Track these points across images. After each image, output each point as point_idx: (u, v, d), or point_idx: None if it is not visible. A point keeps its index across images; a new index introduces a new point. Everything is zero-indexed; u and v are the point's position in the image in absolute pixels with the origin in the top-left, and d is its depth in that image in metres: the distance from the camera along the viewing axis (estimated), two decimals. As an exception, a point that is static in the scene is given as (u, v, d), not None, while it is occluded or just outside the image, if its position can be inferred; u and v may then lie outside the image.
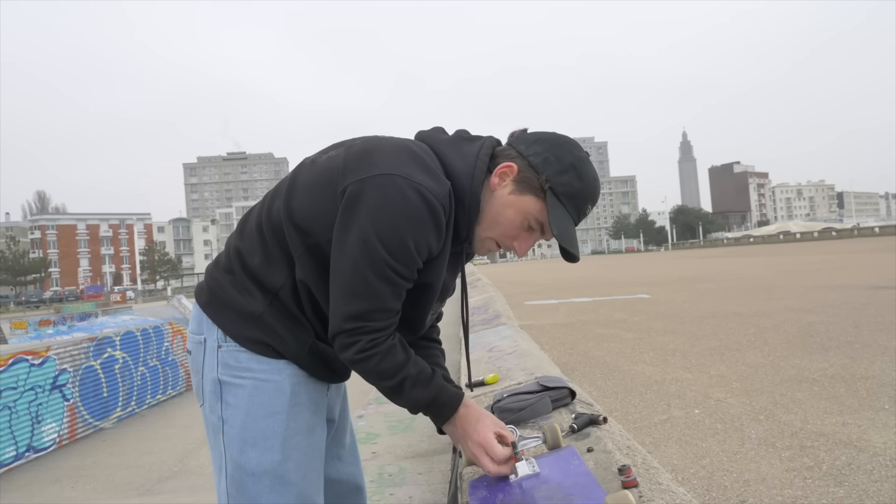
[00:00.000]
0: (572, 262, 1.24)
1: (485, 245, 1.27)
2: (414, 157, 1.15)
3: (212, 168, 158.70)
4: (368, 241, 1.10)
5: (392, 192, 1.10)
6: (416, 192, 1.10)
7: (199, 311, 1.28)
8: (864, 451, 3.54)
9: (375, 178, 1.11)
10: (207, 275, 1.32)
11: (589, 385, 5.64)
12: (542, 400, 1.88)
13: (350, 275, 1.13)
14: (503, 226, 1.22)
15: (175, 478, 4.78)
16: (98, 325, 18.72)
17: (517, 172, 1.20)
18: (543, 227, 1.22)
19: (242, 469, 1.19)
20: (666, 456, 3.74)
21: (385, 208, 1.10)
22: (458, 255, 1.32)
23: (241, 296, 1.23)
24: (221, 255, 1.32)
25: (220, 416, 1.22)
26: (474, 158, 1.20)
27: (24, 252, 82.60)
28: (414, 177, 1.11)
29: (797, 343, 7.02)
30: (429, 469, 3.85)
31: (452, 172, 1.18)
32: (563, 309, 13.04)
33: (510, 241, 1.25)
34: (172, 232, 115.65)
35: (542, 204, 1.19)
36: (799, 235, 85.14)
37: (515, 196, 1.20)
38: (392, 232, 1.10)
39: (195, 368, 1.28)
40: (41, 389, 5.86)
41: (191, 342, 1.29)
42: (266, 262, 1.22)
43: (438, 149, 1.21)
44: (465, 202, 1.19)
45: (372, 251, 1.10)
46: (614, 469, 1.28)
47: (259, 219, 1.25)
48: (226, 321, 1.23)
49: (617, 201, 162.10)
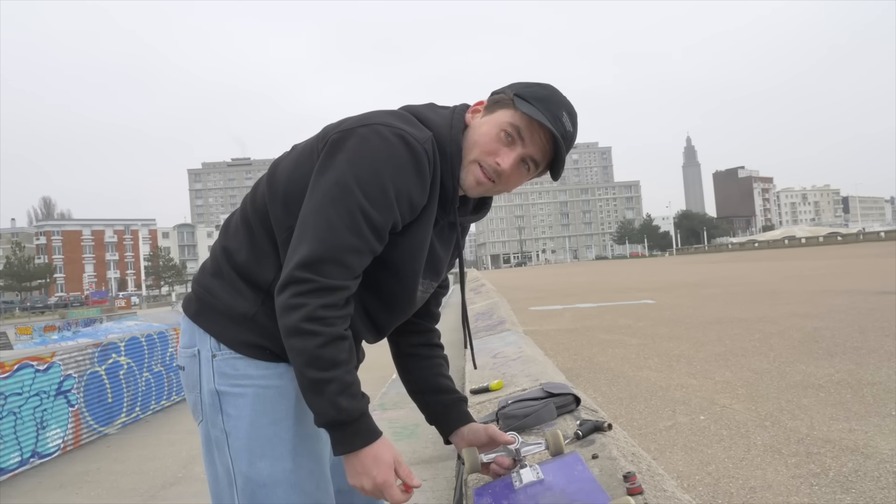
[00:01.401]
0: (546, 132, 1.16)
1: (470, 173, 1.20)
2: (393, 114, 1.18)
3: (216, 174, 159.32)
4: (344, 183, 1.06)
5: (374, 137, 1.09)
6: (399, 137, 1.09)
7: (189, 322, 1.23)
8: (870, 457, 3.52)
9: (357, 128, 1.11)
10: (194, 283, 1.28)
11: (593, 391, 5.62)
12: (547, 406, 1.88)
13: (315, 219, 1.07)
14: (480, 144, 1.19)
15: (179, 484, 4.78)
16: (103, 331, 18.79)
17: (487, 101, 1.24)
18: (521, 133, 1.17)
19: (254, 482, 1.15)
20: (671, 462, 3.72)
21: (366, 152, 1.08)
22: (451, 227, 1.28)
23: (232, 298, 1.19)
24: (207, 261, 1.29)
25: (223, 429, 1.17)
26: (451, 112, 1.23)
27: (29, 258, 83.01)
28: (396, 125, 1.11)
29: (803, 349, 6.98)
30: (433, 476, 3.84)
31: (430, 124, 1.18)
32: (568, 314, 13.01)
33: (492, 159, 1.18)
34: (177, 237, 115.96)
35: (514, 110, 1.17)
36: (804, 240, 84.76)
37: (488, 116, 1.21)
38: (371, 175, 1.07)
39: (190, 384, 1.22)
40: (46, 395, 5.87)
41: (182, 357, 1.24)
42: (255, 257, 1.19)
43: (415, 110, 1.23)
44: (447, 151, 1.18)
45: (346, 193, 1.06)
46: (619, 476, 1.27)
47: (244, 212, 1.23)
48: (217, 328, 1.19)
49: (621, 206, 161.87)
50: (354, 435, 1.09)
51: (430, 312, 1.46)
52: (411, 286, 1.22)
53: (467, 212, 1.32)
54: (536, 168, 1.23)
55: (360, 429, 1.09)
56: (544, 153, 1.20)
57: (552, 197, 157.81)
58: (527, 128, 1.17)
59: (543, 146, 1.19)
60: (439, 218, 1.22)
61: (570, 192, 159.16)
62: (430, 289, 1.34)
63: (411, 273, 1.20)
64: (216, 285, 1.22)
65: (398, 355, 1.48)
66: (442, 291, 1.43)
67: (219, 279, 1.22)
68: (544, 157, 1.20)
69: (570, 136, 1.20)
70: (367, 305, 1.22)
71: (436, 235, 1.24)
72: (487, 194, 1.28)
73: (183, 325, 1.26)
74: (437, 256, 1.27)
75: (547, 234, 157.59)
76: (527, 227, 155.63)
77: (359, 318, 1.22)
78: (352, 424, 1.08)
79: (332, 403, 1.06)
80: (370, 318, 1.25)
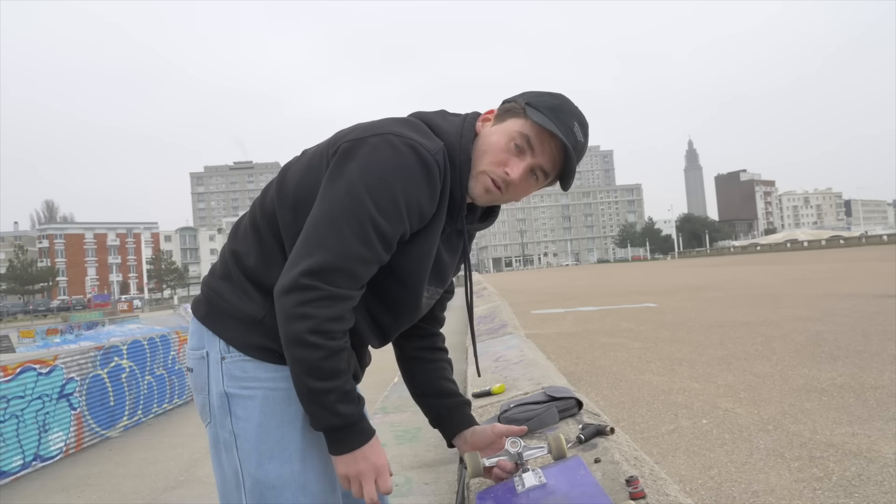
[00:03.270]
0: (557, 142, 1.15)
1: (479, 183, 1.19)
2: (404, 122, 1.17)
3: (218, 177, 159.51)
4: (355, 192, 1.06)
5: (385, 147, 1.08)
6: (410, 148, 1.09)
7: (198, 324, 1.24)
8: (874, 461, 3.51)
9: (368, 138, 1.10)
10: (204, 286, 1.28)
11: (596, 395, 5.61)
12: (549, 410, 1.88)
13: (324, 227, 1.06)
14: (490, 153, 1.18)
15: (181, 487, 4.77)
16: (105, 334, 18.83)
17: (498, 109, 1.23)
18: (531, 142, 1.16)
19: (262, 483, 1.15)
20: (674, 467, 3.71)
21: (377, 162, 1.07)
22: (458, 234, 1.28)
23: (241, 301, 1.19)
24: (217, 264, 1.29)
25: (232, 431, 1.18)
26: (461, 121, 1.23)
27: (31, 261, 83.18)
28: (407, 135, 1.10)
29: (805, 352, 6.96)
30: (435, 479, 3.84)
31: (441, 133, 1.18)
32: (570, 318, 13.00)
33: (501, 169, 1.17)
34: (179, 241, 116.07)
35: (525, 119, 1.17)
36: (806, 244, 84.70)
37: (499, 125, 1.20)
38: (382, 185, 1.06)
39: (199, 386, 1.23)
40: (48, 398, 5.87)
41: (191, 359, 1.24)
42: (263, 260, 1.19)
43: (426, 117, 1.22)
44: (456, 161, 1.17)
45: (356, 203, 1.05)
46: (622, 480, 1.27)
47: (253, 216, 1.23)
48: (226, 330, 1.20)
49: (623, 209, 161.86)
50: (351, 437, 1.13)
51: (434, 317, 1.46)
52: (417, 293, 1.22)
53: (475, 220, 1.32)
54: (546, 178, 1.22)
55: (357, 430, 1.13)
56: (554, 163, 1.19)
57: (554, 200, 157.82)
58: (537, 137, 1.16)
59: (554, 156, 1.18)
60: (446, 226, 1.22)
61: (572, 195, 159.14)
62: (436, 295, 1.34)
63: (417, 280, 1.20)
64: (225, 288, 1.23)
65: (402, 359, 1.48)
66: (447, 297, 1.44)
67: (228, 282, 1.23)
68: (554, 167, 1.19)
69: (581, 146, 1.19)
70: (372, 310, 1.22)
71: (442, 243, 1.24)
72: (495, 203, 1.27)
73: (192, 327, 1.27)
74: (443, 263, 1.27)
75: (549, 238, 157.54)
76: (528, 231, 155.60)
77: (364, 322, 1.22)
78: (350, 427, 1.12)
79: (331, 411, 1.10)
80: (376, 323, 1.25)
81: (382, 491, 1.15)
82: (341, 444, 1.13)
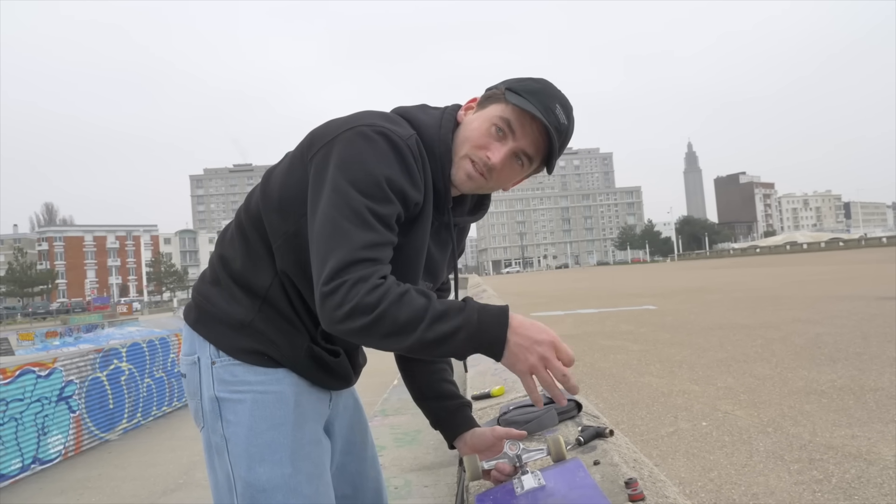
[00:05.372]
0: (539, 125, 1.14)
1: (461, 168, 1.18)
2: (378, 114, 1.18)
3: (218, 180, 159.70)
4: (341, 189, 1.06)
5: (357, 139, 1.09)
6: (380, 135, 1.09)
7: (189, 330, 1.24)
8: (873, 463, 3.51)
9: (339, 136, 1.10)
10: (194, 292, 1.29)
11: (595, 397, 5.61)
12: (549, 412, 1.87)
13: (327, 231, 1.05)
14: (471, 139, 1.17)
15: (180, 490, 4.77)
16: (104, 337, 18.83)
17: (480, 98, 1.23)
18: (512, 126, 1.15)
19: (253, 486, 1.15)
20: (673, 469, 3.71)
21: (352, 155, 1.08)
22: (446, 228, 1.28)
23: (229, 305, 1.20)
24: (206, 271, 1.30)
25: (223, 435, 1.18)
26: (441, 112, 1.23)
27: (31, 263, 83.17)
28: (377, 123, 1.11)
29: (805, 354, 6.97)
30: (434, 482, 3.84)
31: (419, 124, 1.18)
32: (569, 320, 13.00)
33: (483, 153, 1.16)
34: (179, 243, 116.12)
35: (505, 104, 1.16)
36: (806, 246, 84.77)
37: (480, 111, 1.20)
38: (363, 174, 1.06)
39: (192, 391, 1.24)
40: (47, 401, 5.87)
41: (184, 364, 1.25)
42: (251, 263, 1.20)
43: (404, 111, 1.23)
44: (436, 151, 1.17)
45: (346, 197, 1.05)
46: (621, 482, 1.27)
47: (239, 221, 1.24)
48: (216, 335, 1.20)
49: (622, 212, 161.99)
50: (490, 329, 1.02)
51: None
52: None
53: (464, 212, 1.32)
54: (531, 163, 1.21)
55: (487, 323, 1.02)
56: (537, 147, 1.18)
57: (553, 202, 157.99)
58: (518, 121, 1.15)
59: (536, 139, 1.17)
60: (434, 219, 1.22)
61: (572, 197, 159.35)
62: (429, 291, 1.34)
63: (412, 278, 1.19)
64: (214, 293, 1.23)
65: (402, 361, 1.48)
66: (443, 294, 1.43)
67: (216, 287, 1.24)
68: (538, 150, 1.18)
69: (565, 128, 1.17)
70: None
71: (431, 237, 1.24)
72: (481, 191, 1.26)
73: (184, 333, 1.28)
74: (433, 259, 1.27)
75: (548, 240, 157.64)
76: (528, 233, 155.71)
77: None
78: (481, 325, 1.01)
79: (452, 334, 1.00)
80: None
81: (566, 361, 1.07)
82: (494, 342, 1.01)
